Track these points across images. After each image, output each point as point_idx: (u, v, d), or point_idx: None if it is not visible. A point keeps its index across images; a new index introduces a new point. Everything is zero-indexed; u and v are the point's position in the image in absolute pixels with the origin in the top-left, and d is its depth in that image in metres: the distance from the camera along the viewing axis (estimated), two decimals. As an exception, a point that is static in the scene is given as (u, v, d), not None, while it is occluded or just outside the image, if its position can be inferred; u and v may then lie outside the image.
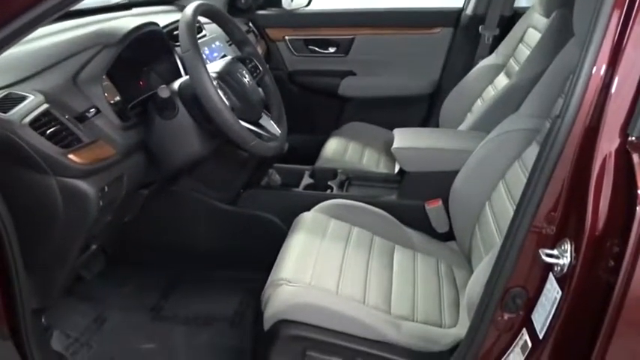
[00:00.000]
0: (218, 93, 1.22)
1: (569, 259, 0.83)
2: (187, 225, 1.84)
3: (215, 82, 1.25)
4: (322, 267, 1.40)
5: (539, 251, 0.86)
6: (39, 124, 1.03)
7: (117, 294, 1.77)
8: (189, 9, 1.27)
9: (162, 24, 1.61)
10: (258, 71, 1.49)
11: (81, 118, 1.13)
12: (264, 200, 1.84)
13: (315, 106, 2.72)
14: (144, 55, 1.43)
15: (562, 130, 0.85)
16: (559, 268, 0.85)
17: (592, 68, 0.82)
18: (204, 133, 1.29)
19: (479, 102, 2.23)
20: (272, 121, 1.47)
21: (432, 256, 1.57)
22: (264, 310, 1.29)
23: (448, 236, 1.67)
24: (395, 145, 1.72)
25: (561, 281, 0.85)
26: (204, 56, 1.69)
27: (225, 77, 1.30)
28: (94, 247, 1.27)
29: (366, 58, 2.58)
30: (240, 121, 1.29)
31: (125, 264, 1.84)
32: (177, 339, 1.61)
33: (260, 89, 1.45)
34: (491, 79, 2.21)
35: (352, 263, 1.44)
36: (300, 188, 1.89)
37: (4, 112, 1.00)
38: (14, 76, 1.12)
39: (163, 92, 1.20)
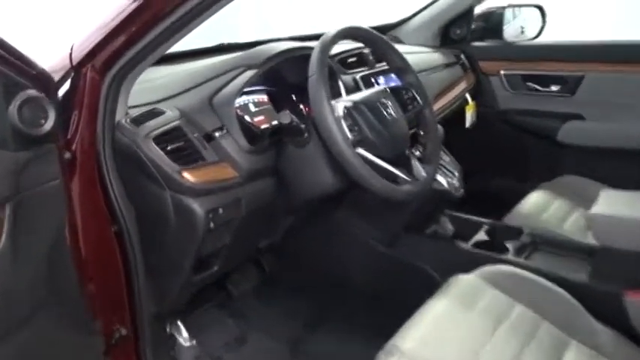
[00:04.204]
0: (339, 122, 1.08)
1: None
2: (341, 259, 1.76)
3: (343, 111, 1.12)
4: (454, 346, 1.14)
5: None
6: (164, 138, 1.06)
7: (263, 316, 1.76)
8: (331, 32, 1.18)
9: (337, 50, 1.56)
10: (415, 104, 1.31)
11: (209, 137, 1.13)
12: (425, 250, 1.63)
13: (526, 151, 2.36)
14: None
15: None
16: None
17: None
18: (337, 164, 1.17)
19: None
20: (417, 162, 1.26)
21: (621, 367, 1.15)
22: None
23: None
24: (592, 209, 1.32)
25: None
26: (380, 84, 1.59)
27: (361, 107, 1.16)
28: (215, 268, 1.26)
29: (598, 100, 2.11)
30: (371, 157, 1.13)
31: (278, 286, 1.84)
32: None
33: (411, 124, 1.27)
34: None
35: (497, 351, 1.14)
36: (470, 244, 1.61)
37: (140, 124, 1.06)
38: (164, 93, 1.20)
39: (284, 118, 1.12)
